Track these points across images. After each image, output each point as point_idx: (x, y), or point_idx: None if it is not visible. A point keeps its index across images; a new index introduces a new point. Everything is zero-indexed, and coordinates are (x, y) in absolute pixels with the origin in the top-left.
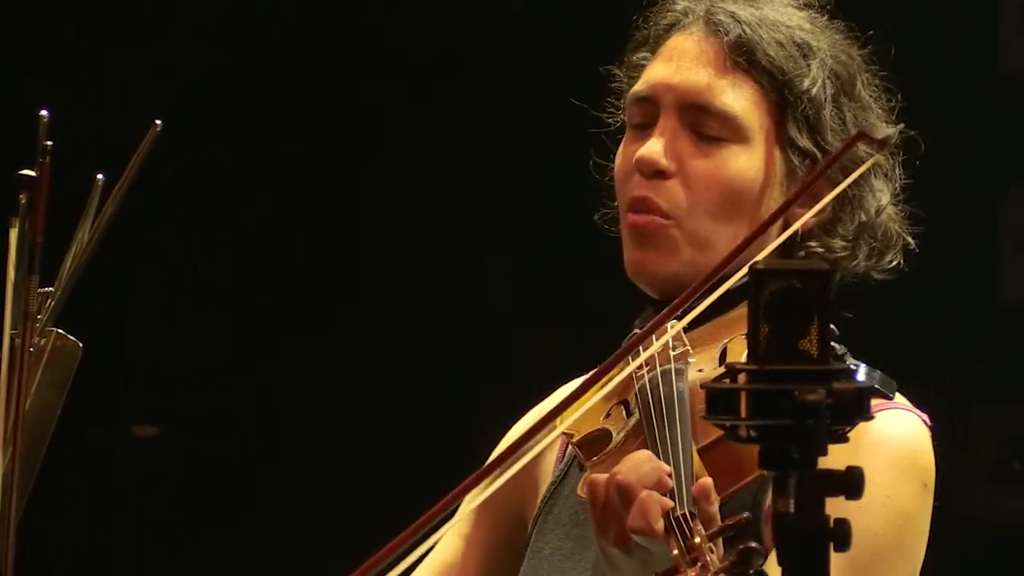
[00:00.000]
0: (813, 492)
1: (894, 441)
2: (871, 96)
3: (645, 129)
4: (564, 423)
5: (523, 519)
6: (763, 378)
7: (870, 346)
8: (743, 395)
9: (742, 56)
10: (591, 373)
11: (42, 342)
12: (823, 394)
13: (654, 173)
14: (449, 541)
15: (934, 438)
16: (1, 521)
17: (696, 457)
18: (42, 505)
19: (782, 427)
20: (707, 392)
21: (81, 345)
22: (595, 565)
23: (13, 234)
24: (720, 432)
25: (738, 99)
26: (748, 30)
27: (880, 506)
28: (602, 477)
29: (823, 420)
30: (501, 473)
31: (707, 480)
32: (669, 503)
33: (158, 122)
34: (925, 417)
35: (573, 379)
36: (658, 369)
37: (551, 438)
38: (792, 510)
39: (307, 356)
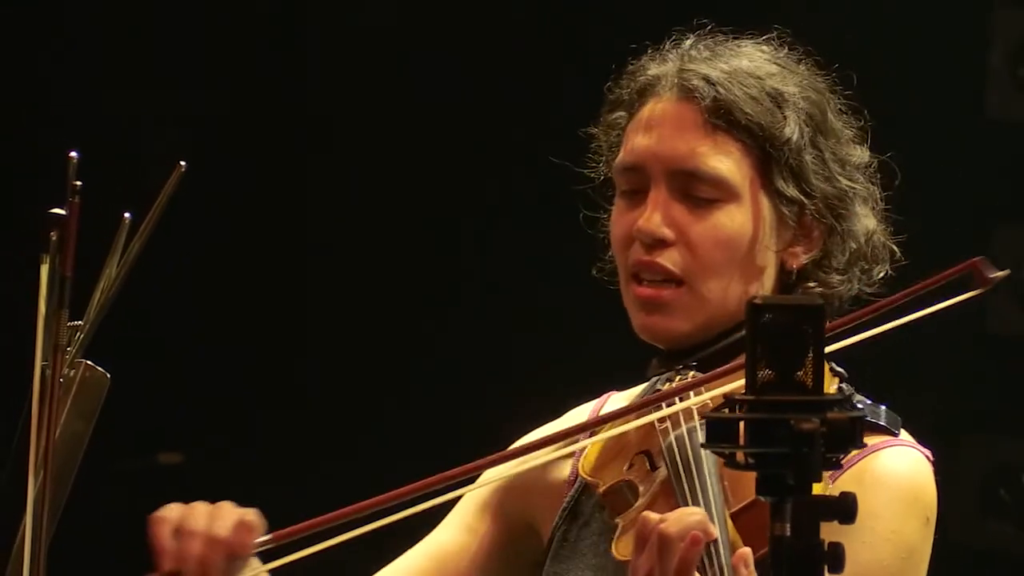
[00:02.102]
0: (808, 517)
1: (899, 477)
2: (842, 123)
3: (635, 196)
4: (591, 439)
5: (534, 527)
6: (760, 408)
7: (862, 377)
8: (742, 424)
9: (720, 118)
10: (616, 417)
11: (72, 373)
12: (817, 423)
13: (655, 242)
14: (451, 532)
15: (936, 474)
16: (33, 543)
17: (730, 522)
18: (71, 528)
19: (779, 454)
20: (707, 421)
21: (109, 376)
22: None
23: (44, 270)
24: (751, 496)
25: (723, 160)
26: (722, 90)
27: (885, 540)
28: (653, 517)
29: (818, 448)
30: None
31: (746, 550)
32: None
33: (183, 163)
34: (928, 453)
35: (581, 404)
36: (684, 427)
37: (572, 448)
38: (788, 534)
39: (325, 387)
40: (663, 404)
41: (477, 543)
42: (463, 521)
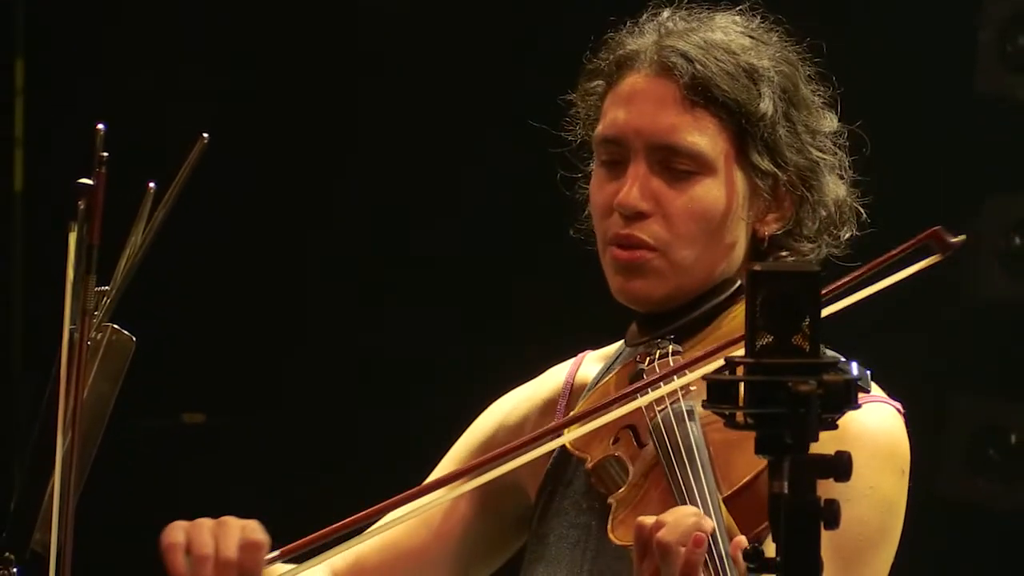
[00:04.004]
0: (805, 474)
1: (873, 434)
2: (813, 92)
3: (615, 167)
4: (569, 435)
5: (518, 486)
6: (759, 371)
7: (857, 341)
8: (741, 386)
9: (698, 95)
10: (603, 400)
11: (98, 336)
12: (814, 385)
13: (634, 215)
14: (451, 501)
15: (908, 425)
16: (61, 500)
17: (724, 509)
18: (98, 485)
19: (777, 415)
20: (708, 384)
21: (134, 339)
22: (599, 553)
23: (72, 237)
24: (742, 480)
25: (702, 135)
26: (700, 68)
27: (863, 496)
28: (648, 522)
29: (814, 409)
30: (492, 468)
31: (741, 538)
32: None
33: (205, 135)
34: (898, 405)
35: (561, 361)
36: (669, 406)
37: (553, 445)
38: (785, 491)
39: (341, 349)
40: (645, 376)
41: (459, 501)
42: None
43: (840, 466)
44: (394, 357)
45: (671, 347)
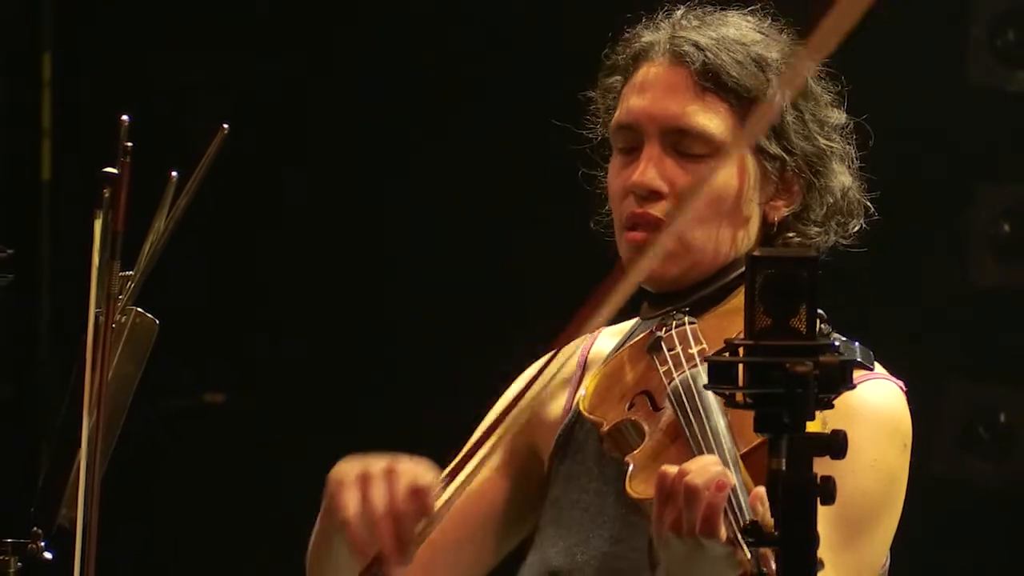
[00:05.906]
0: (802, 452)
1: (876, 409)
2: (821, 87)
3: (630, 153)
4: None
5: (537, 455)
6: (758, 352)
7: (858, 326)
8: (741, 367)
9: (709, 81)
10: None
11: (123, 319)
12: (811, 366)
13: (649, 194)
14: (482, 472)
15: (909, 403)
16: (87, 477)
17: (742, 464)
18: (123, 463)
19: (775, 395)
20: (709, 364)
21: (158, 322)
22: (611, 519)
23: (97, 224)
24: (757, 439)
25: (712, 119)
26: (711, 55)
27: (868, 468)
28: (672, 470)
29: (811, 389)
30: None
31: (760, 489)
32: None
33: (225, 126)
34: (901, 383)
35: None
36: (687, 371)
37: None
38: (783, 468)
39: (363, 331)
40: (664, 348)
41: (496, 476)
42: (490, 462)
43: (836, 444)
44: (416, 339)
45: (687, 318)
